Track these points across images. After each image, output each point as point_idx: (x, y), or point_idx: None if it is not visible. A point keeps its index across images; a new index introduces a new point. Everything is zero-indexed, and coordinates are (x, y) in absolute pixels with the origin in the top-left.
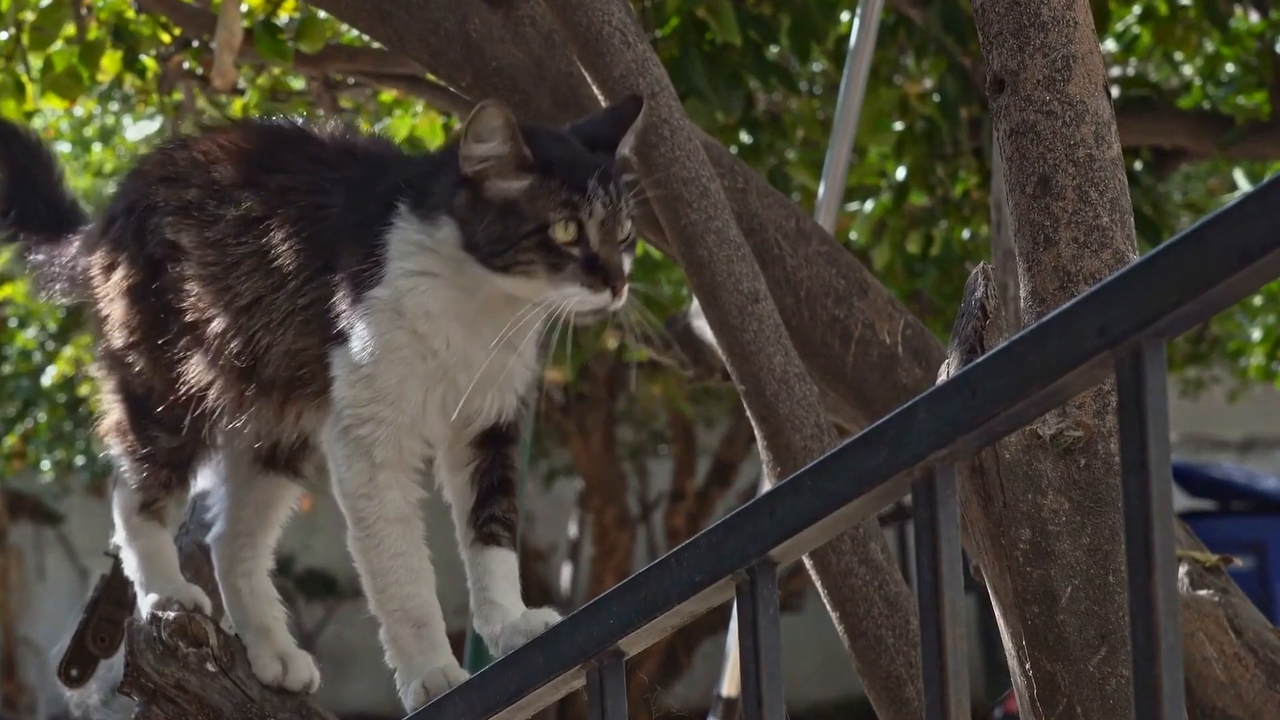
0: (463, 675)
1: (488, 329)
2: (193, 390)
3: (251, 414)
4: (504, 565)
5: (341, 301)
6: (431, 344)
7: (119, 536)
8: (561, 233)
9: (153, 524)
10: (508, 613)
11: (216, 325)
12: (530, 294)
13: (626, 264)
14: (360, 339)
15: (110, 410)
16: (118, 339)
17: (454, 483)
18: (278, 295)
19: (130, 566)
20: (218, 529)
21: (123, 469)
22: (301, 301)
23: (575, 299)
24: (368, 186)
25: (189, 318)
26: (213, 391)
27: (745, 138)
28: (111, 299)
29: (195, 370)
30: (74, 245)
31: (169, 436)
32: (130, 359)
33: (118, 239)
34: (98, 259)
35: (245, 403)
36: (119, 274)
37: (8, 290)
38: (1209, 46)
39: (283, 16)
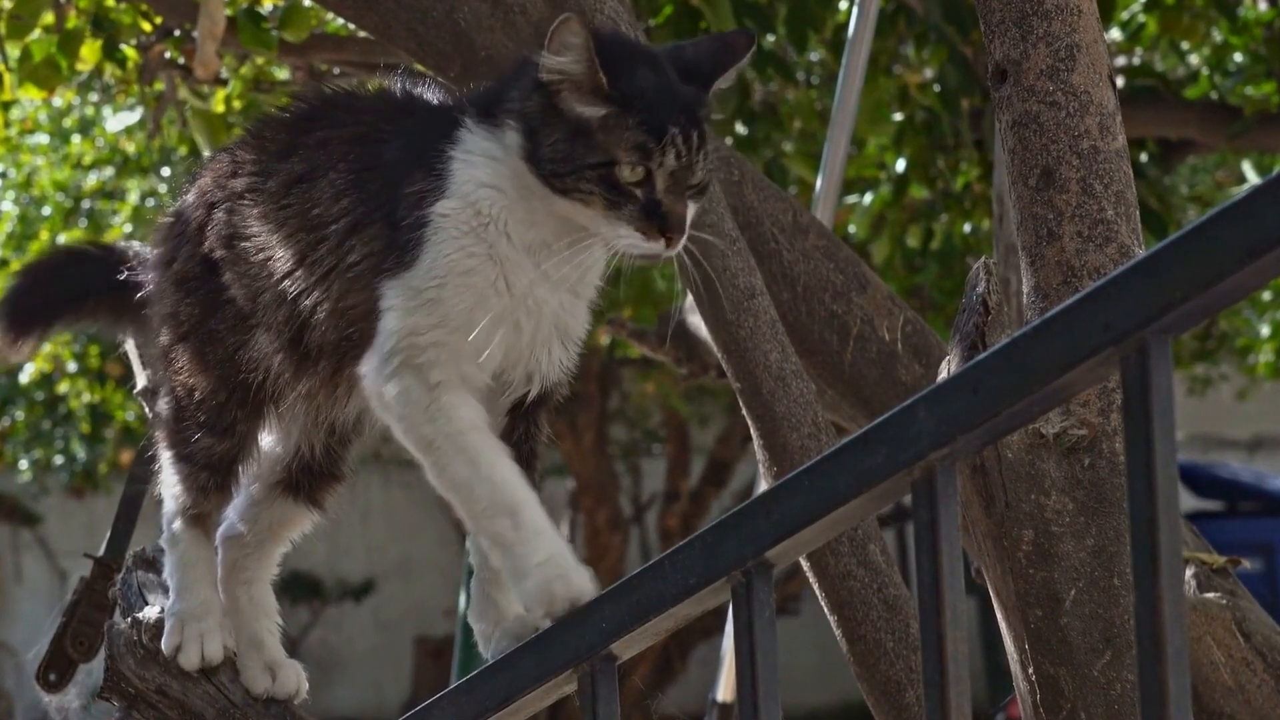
0: (579, 572)
1: (552, 264)
2: (240, 379)
3: (302, 394)
4: None
5: (400, 231)
6: (507, 271)
7: (161, 539)
8: (628, 173)
9: (193, 532)
10: (503, 614)
11: (265, 298)
12: (583, 221)
13: (690, 211)
14: (424, 260)
15: (158, 408)
16: (166, 335)
17: None
18: (321, 248)
19: (166, 570)
20: (229, 529)
21: (164, 470)
22: (351, 258)
23: (626, 241)
24: (427, 122)
25: (240, 302)
26: (263, 373)
27: (741, 129)
28: (164, 294)
29: (245, 357)
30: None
31: (211, 439)
32: (175, 354)
33: (181, 234)
34: (162, 254)
35: (295, 379)
36: (176, 268)
37: None
38: (1217, 35)
39: (266, 5)
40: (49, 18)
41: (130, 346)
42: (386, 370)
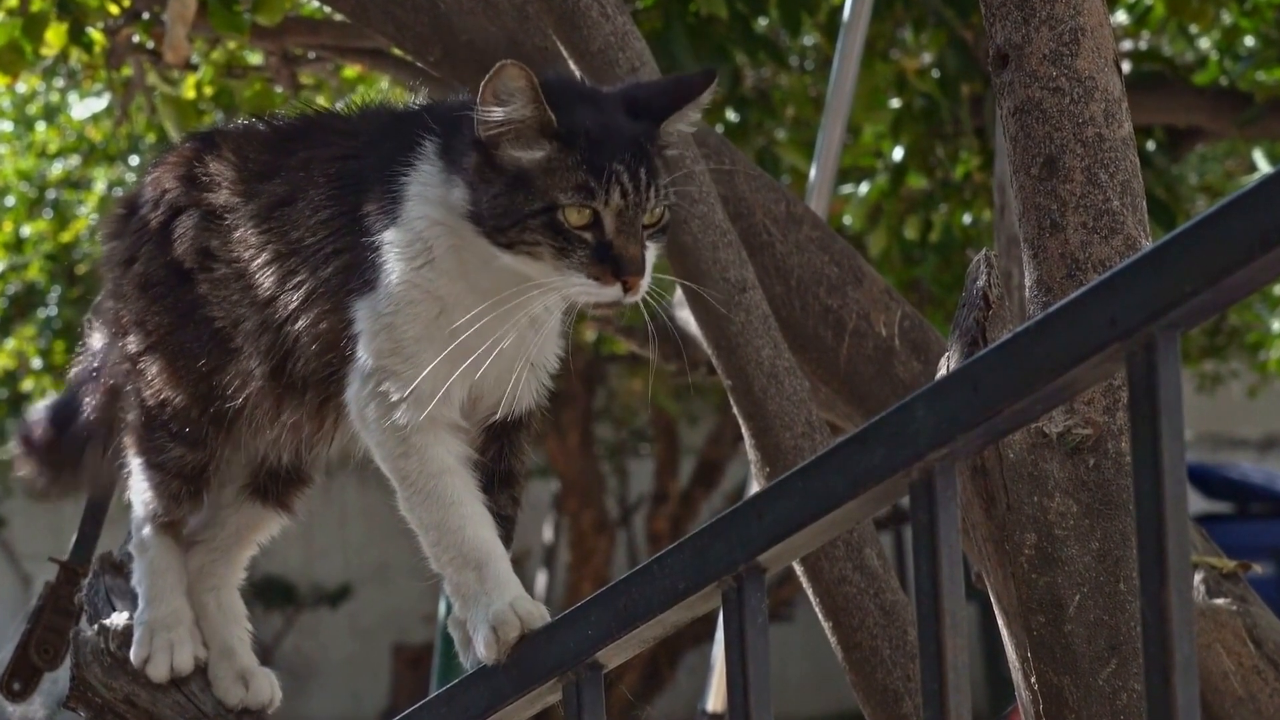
0: (534, 607)
1: (507, 305)
2: (216, 401)
3: (288, 425)
4: None
5: (361, 249)
6: (450, 307)
7: (131, 545)
8: (574, 216)
9: (163, 539)
10: None
11: (247, 325)
12: (534, 274)
13: (649, 255)
14: (381, 284)
15: (127, 414)
16: (134, 342)
17: None
18: (301, 272)
19: (135, 577)
20: (194, 533)
21: (134, 476)
22: (324, 272)
23: (579, 289)
24: (394, 129)
25: (218, 324)
26: (242, 400)
27: (732, 116)
28: (128, 296)
29: (222, 381)
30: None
31: (184, 449)
32: (144, 364)
33: (140, 231)
34: (118, 249)
35: (279, 408)
36: (138, 269)
37: None
38: (1226, 19)
39: None
40: (12, 0)
41: (95, 341)
42: (364, 393)
